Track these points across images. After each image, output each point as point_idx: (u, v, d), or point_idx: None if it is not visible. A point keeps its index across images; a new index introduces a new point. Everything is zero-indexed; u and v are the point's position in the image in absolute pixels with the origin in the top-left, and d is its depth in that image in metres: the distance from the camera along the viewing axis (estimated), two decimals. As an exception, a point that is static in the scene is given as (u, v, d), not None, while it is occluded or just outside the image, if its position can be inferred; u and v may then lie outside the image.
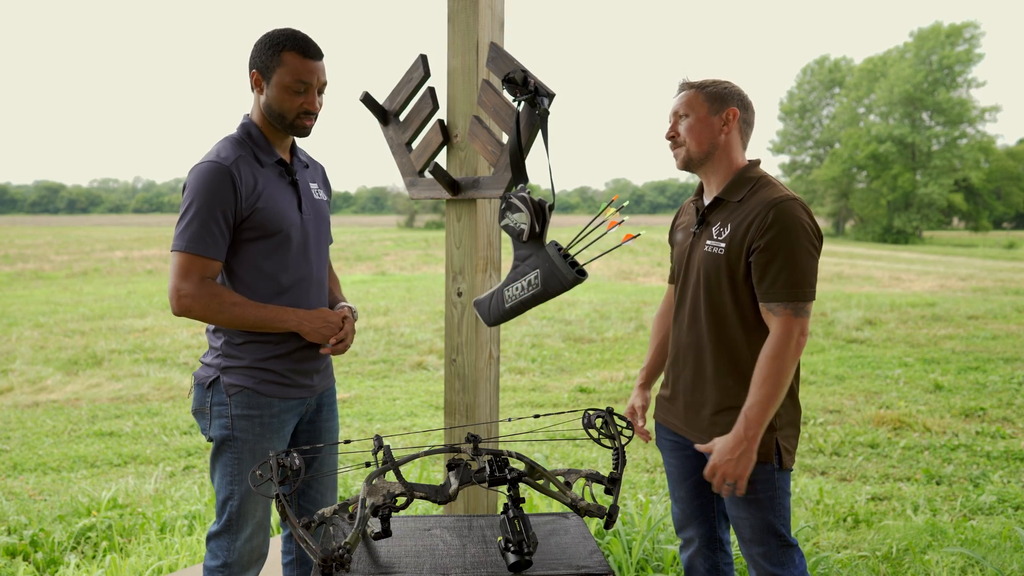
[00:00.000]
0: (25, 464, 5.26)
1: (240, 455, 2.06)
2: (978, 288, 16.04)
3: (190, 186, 2.00)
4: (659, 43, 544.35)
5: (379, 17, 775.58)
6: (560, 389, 7.47)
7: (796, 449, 2.06)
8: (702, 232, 2.07)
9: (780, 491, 2.01)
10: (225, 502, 2.09)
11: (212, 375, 2.08)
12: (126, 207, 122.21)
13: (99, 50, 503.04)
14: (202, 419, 2.12)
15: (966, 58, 44.09)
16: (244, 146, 2.07)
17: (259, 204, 2.03)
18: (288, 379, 2.11)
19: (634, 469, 5.03)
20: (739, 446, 1.88)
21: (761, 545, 2.03)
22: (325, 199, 2.30)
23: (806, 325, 1.90)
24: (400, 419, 6.47)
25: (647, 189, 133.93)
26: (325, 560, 1.29)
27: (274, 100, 2.05)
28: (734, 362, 2.01)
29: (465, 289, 2.49)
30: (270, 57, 2.03)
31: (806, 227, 1.90)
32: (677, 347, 2.16)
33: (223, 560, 2.10)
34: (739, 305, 1.98)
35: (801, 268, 1.89)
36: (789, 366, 1.88)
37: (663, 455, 2.27)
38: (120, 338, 10.28)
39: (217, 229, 1.97)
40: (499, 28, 2.49)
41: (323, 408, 2.27)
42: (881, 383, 7.50)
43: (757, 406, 1.88)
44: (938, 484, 4.64)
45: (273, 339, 2.08)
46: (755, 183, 2.01)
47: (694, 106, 2.02)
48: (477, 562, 1.53)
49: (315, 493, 2.27)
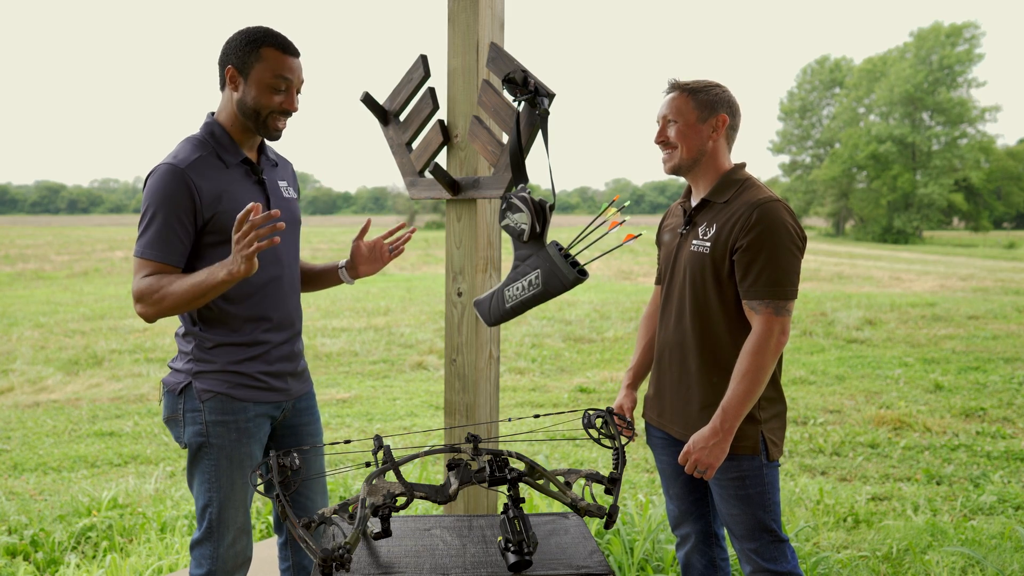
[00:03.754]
0: (25, 464, 5.26)
1: (217, 461, 2.02)
2: (978, 288, 16.04)
3: (147, 190, 1.94)
4: (659, 43, 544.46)
5: (379, 17, 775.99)
6: (560, 389, 7.47)
7: (783, 442, 2.10)
8: (689, 233, 2.12)
9: (769, 485, 2.05)
10: (204, 509, 2.05)
11: (183, 381, 2.03)
12: (127, 207, 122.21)
13: (99, 50, 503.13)
14: (175, 427, 2.07)
15: (966, 58, 44.08)
16: (206, 146, 2.01)
17: (220, 207, 1.96)
18: (262, 382, 2.07)
19: (634, 469, 5.03)
20: (714, 436, 1.95)
21: (753, 541, 2.06)
22: (295, 197, 2.24)
23: (787, 323, 1.96)
24: (400, 419, 6.47)
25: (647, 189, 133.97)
26: (325, 560, 1.29)
27: (251, 97, 1.99)
28: (718, 359, 2.05)
29: (465, 289, 2.49)
30: (248, 53, 1.98)
31: (789, 228, 1.96)
32: (663, 345, 2.20)
33: (208, 568, 2.06)
34: (723, 303, 2.03)
35: (783, 267, 1.94)
36: (768, 363, 1.94)
37: (655, 454, 2.31)
38: (120, 338, 10.28)
39: (174, 234, 1.92)
40: (499, 28, 2.49)
41: (302, 412, 2.23)
42: (881, 383, 7.50)
43: (735, 399, 1.94)
44: (938, 484, 4.64)
45: (244, 341, 2.04)
46: (740, 185, 2.06)
47: (683, 112, 2.05)
48: (477, 562, 1.54)
49: (304, 498, 2.24)
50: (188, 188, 1.92)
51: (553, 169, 2.00)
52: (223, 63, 2.03)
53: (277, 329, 2.10)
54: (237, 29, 2.06)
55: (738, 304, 2.02)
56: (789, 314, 1.95)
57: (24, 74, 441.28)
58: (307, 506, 2.25)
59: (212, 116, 2.08)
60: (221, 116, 2.06)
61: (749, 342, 1.95)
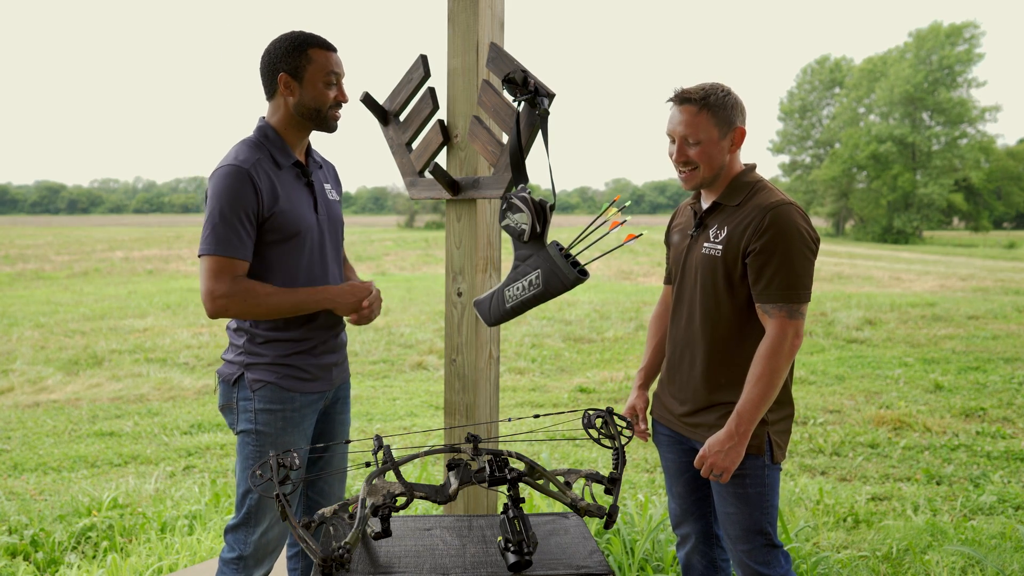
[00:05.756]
0: (26, 464, 5.27)
1: (262, 449, 2.11)
2: (978, 288, 16.04)
3: (212, 190, 2.03)
4: (659, 43, 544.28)
5: (379, 17, 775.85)
6: (560, 389, 7.47)
7: (787, 446, 2.11)
8: (699, 235, 2.12)
9: (768, 488, 2.06)
10: (245, 495, 2.13)
11: (237, 372, 2.13)
12: (127, 207, 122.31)
13: (99, 50, 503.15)
14: (229, 414, 2.17)
15: (966, 58, 44.05)
16: (262, 149, 2.11)
17: (278, 207, 2.07)
18: (309, 373, 2.17)
19: (634, 469, 5.03)
20: (729, 440, 1.95)
21: (746, 543, 2.07)
22: (338, 199, 2.35)
23: (800, 327, 1.95)
24: (400, 419, 6.47)
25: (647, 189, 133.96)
26: (325, 560, 1.29)
27: (310, 98, 2.10)
28: (728, 361, 2.05)
29: (465, 289, 2.49)
30: (297, 57, 2.08)
31: (802, 231, 1.95)
32: (673, 345, 2.20)
33: (238, 553, 2.14)
34: (735, 306, 2.03)
35: (796, 271, 1.94)
36: (783, 366, 1.94)
37: (660, 451, 2.32)
38: (120, 338, 10.28)
39: (243, 230, 2.02)
40: (499, 28, 2.49)
41: (338, 401, 2.34)
42: (881, 383, 7.50)
43: (750, 403, 1.94)
44: (938, 484, 4.64)
45: (294, 336, 2.13)
46: (752, 187, 2.05)
47: (704, 129, 2.00)
48: (477, 562, 1.54)
49: (323, 484, 2.33)
50: (253, 187, 2.03)
51: (553, 169, 2.01)
52: (272, 72, 2.11)
53: (324, 326, 2.21)
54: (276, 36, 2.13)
55: (750, 307, 2.02)
56: (803, 317, 1.95)
57: (24, 74, 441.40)
58: (327, 493, 2.35)
59: (264, 120, 2.17)
60: (273, 120, 2.16)
61: (763, 346, 1.96)
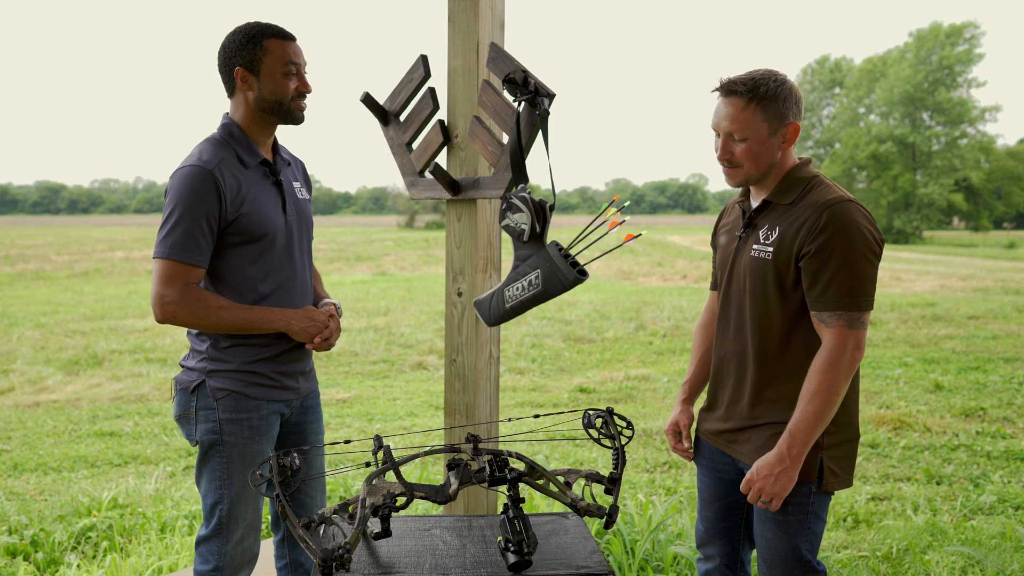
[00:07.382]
0: (26, 464, 5.26)
1: (229, 459, 2.05)
2: (978, 288, 16.03)
3: (173, 190, 1.96)
4: (659, 43, 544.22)
5: (379, 17, 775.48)
6: (560, 389, 7.47)
7: (849, 473, 1.89)
8: (748, 236, 1.95)
9: (813, 515, 1.87)
10: (215, 506, 2.07)
11: (197, 379, 2.06)
12: (127, 207, 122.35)
13: (99, 50, 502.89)
14: (187, 424, 2.09)
15: (966, 58, 44.05)
16: (227, 148, 2.03)
17: (244, 209, 2.00)
18: (275, 381, 2.10)
19: (634, 469, 5.03)
20: (780, 463, 1.78)
21: (783, 569, 1.89)
22: (307, 198, 2.28)
23: (862, 338, 1.77)
24: (400, 419, 6.47)
25: (647, 189, 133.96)
26: (325, 560, 1.29)
27: (269, 90, 2.02)
28: (780, 374, 1.89)
29: (465, 289, 2.49)
30: (252, 50, 2.01)
31: (863, 231, 1.77)
32: (720, 357, 2.04)
33: (214, 564, 2.08)
34: (787, 314, 1.86)
35: (857, 275, 1.75)
36: (841, 382, 1.76)
37: (698, 470, 2.16)
38: (121, 338, 10.28)
39: (201, 235, 1.94)
40: (499, 28, 2.49)
41: (308, 411, 2.26)
42: (881, 383, 7.49)
43: (804, 423, 1.76)
44: (938, 484, 4.64)
45: (260, 342, 2.07)
46: (807, 183, 1.88)
47: (753, 127, 1.83)
48: (477, 562, 1.54)
49: (304, 496, 2.26)
50: (216, 189, 1.95)
51: (553, 169, 2.00)
52: (229, 67, 2.04)
53: None
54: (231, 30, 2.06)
55: (804, 315, 1.84)
56: (865, 327, 1.76)
57: (24, 74, 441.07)
58: (307, 504, 2.27)
59: (228, 117, 2.09)
60: (236, 117, 2.08)
61: (819, 359, 1.77)
